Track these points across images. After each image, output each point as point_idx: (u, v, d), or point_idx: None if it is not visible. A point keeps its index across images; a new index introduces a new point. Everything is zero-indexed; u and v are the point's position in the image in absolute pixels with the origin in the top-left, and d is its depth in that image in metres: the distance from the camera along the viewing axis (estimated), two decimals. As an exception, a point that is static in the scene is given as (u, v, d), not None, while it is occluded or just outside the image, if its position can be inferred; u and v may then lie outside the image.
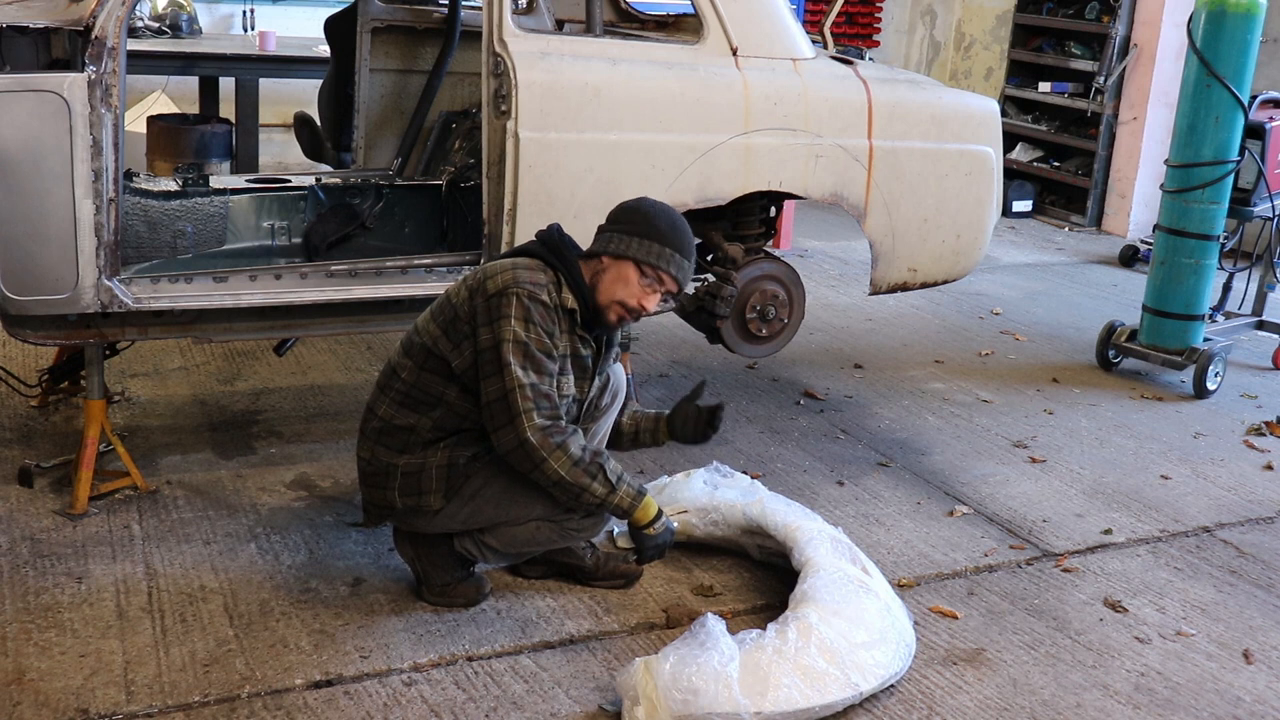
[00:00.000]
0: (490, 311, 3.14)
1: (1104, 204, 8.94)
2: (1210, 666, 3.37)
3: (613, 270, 3.25)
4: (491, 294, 3.15)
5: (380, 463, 3.30)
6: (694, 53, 4.10)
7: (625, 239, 3.24)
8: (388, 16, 5.05)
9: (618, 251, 3.24)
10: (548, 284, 3.20)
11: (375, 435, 3.32)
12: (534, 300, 3.14)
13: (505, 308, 3.12)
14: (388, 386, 3.32)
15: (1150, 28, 8.50)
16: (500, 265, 3.22)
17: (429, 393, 3.25)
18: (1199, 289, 5.54)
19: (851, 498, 4.24)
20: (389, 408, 3.29)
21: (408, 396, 3.27)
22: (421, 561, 3.39)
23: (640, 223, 3.26)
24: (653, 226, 3.25)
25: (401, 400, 3.28)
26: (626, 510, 3.22)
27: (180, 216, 4.53)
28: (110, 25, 3.42)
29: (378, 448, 3.31)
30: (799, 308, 4.43)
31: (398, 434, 3.28)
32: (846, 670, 2.99)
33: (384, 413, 3.30)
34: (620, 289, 3.25)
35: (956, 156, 4.48)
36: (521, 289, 3.14)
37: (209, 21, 8.03)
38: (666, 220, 3.29)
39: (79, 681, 2.95)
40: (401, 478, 3.27)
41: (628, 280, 3.25)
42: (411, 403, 3.27)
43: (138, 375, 4.82)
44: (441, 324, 3.24)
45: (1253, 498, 4.48)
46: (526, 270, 3.19)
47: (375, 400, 3.35)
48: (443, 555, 3.38)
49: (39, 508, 3.74)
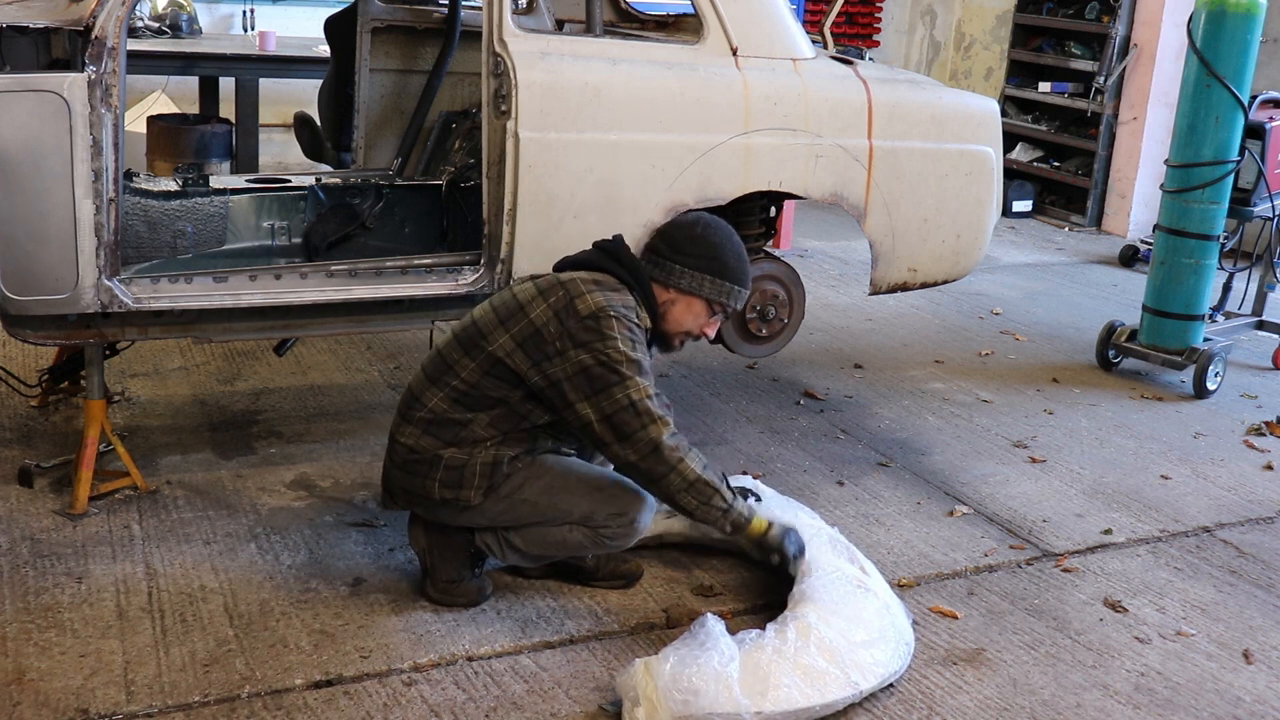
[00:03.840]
0: (589, 333, 3.14)
1: (1104, 204, 8.94)
2: (1210, 666, 3.37)
3: (682, 304, 3.35)
4: (585, 315, 3.16)
5: (425, 452, 3.27)
6: (694, 53, 4.10)
7: (698, 277, 3.31)
8: (388, 16, 5.05)
9: (690, 289, 3.32)
10: (636, 305, 3.27)
11: (423, 425, 3.27)
12: (631, 322, 3.22)
13: (607, 329, 3.15)
14: (440, 380, 3.28)
15: (1150, 28, 8.50)
16: (584, 284, 3.22)
17: (489, 395, 3.24)
18: (1199, 289, 5.54)
19: (851, 498, 4.24)
20: (441, 401, 3.26)
21: (465, 395, 3.24)
22: (432, 555, 3.38)
23: (710, 258, 3.31)
24: (724, 265, 3.32)
25: (457, 398, 3.25)
26: (746, 520, 3.25)
27: (180, 216, 4.52)
28: (110, 25, 3.42)
29: (425, 437, 3.27)
30: (799, 308, 4.43)
31: (449, 426, 3.25)
32: (846, 669, 2.99)
33: (435, 405, 3.26)
34: (689, 321, 3.37)
35: (956, 156, 4.48)
36: (617, 310, 3.19)
37: (209, 21, 8.03)
38: (734, 254, 3.35)
39: (79, 681, 2.95)
40: (444, 470, 3.25)
41: (697, 314, 3.37)
42: (469, 401, 3.24)
43: (138, 375, 4.82)
44: (519, 337, 3.20)
45: (1253, 498, 4.48)
46: (615, 292, 3.25)
47: (423, 389, 3.30)
48: (456, 551, 3.37)
49: (39, 508, 3.74)
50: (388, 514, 3.83)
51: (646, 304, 3.31)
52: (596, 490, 3.30)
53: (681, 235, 3.36)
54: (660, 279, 3.33)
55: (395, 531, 3.73)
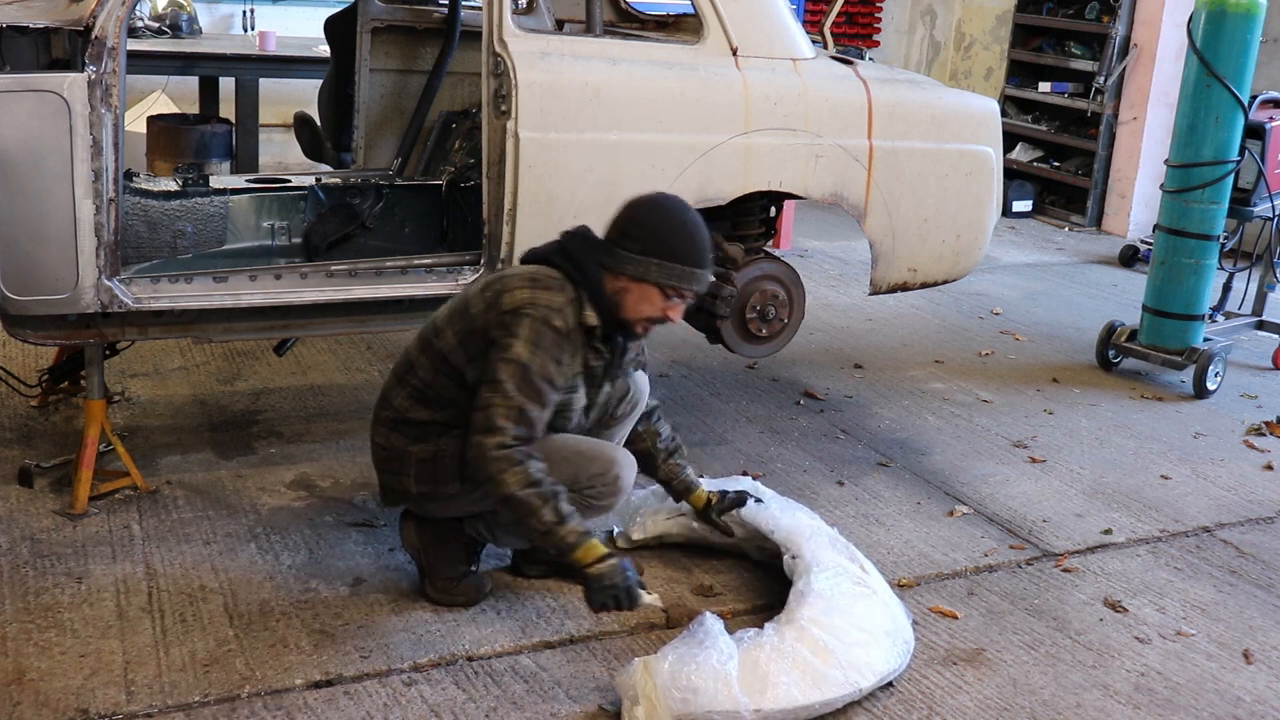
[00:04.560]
0: (503, 328, 3.11)
1: (1104, 204, 8.94)
2: (1210, 666, 3.37)
3: (636, 291, 3.21)
4: (506, 310, 3.12)
5: (395, 449, 3.31)
6: (694, 53, 4.10)
7: (644, 262, 3.17)
8: (388, 16, 5.05)
9: (638, 275, 3.18)
10: (565, 305, 3.15)
11: (390, 424, 3.33)
12: (548, 324, 3.10)
13: (517, 327, 3.09)
14: (404, 380, 3.32)
15: (1150, 28, 8.50)
16: (520, 279, 3.19)
17: (443, 394, 3.25)
18: (1199, 289, 5.54)
19: (851, 498, 4.24)
20: (404, 400, 3.31)
21: (423, 394, 3.28)
22: (427, 554, 3.38)
23: (657, 241, 3.17)
24: (670, 247, 3.17)
25: (417, 396, 3.29)
26: (572, 545, 3.04)
27: (180, 216, 4.52)
28: (110, 25, 3.42)
29: (392, 435, 3.32)
30: (799, 308, 4.43)
31: (412, 426, 3.29)
32: (845, 668, 2.99)
33: (399, 404, 3.31)
34: (646, 308, 3.23)
35: (956, 156, 4.48)
36: (537, 311, 3.10)
37: (209, 21, 8.03)
38: (683, 234, 3.21)
39: (79, 681, 2.95)
40: (417, 465, 3.28)
41: (652, 300, 3.22)
42: (426, 400, 3.28)
43: (138, 375, 4.82)
44: (459, 334, 3.22)
45: (1253, 498, 4.48)
46: (546, 291, 3.15)
47: (391, 389, 3.35)
48: (450, 547, 3.38)
49: (39, 508, 3.74)
50: (388, 514, 3.83)
51: (594, 299, 3.20)
52: (576, 454, 3.28)
53: (628, 219, 3.23)
54: (611, 266, 3.20)
55: (395, 531, 3.72)
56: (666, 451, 3.63)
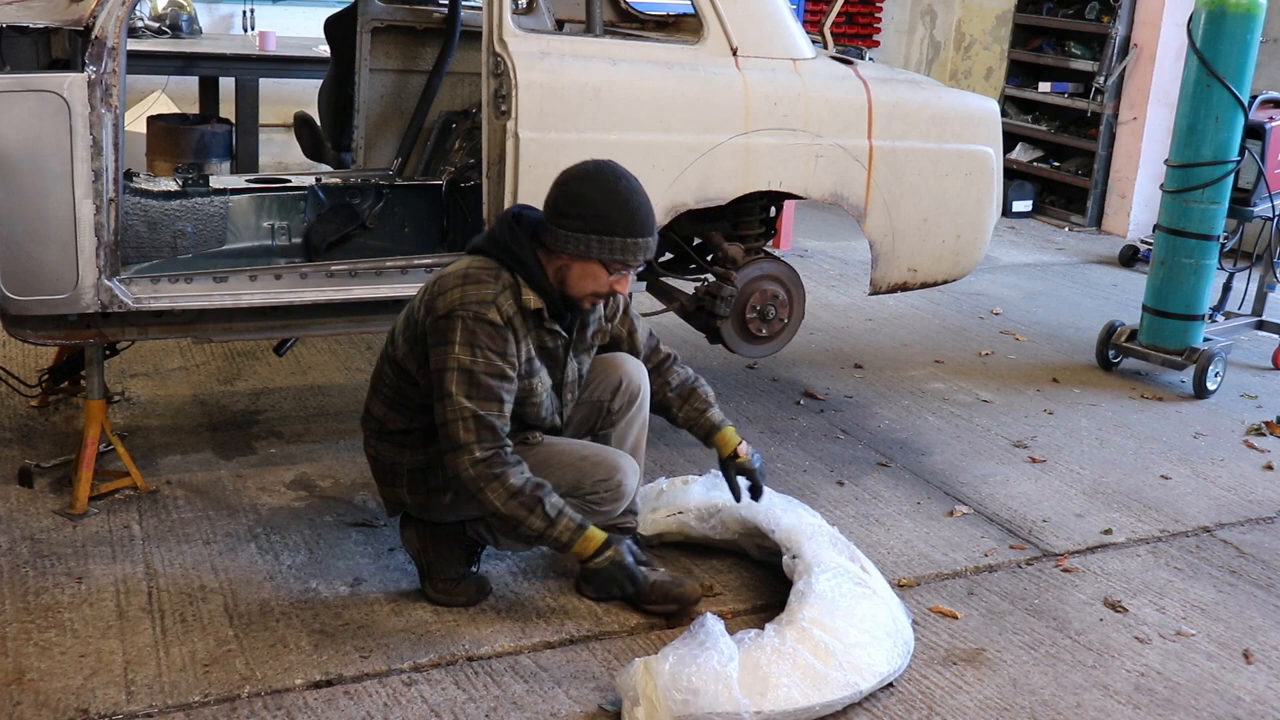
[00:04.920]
0: (438, 334, 3.08)
1: (1104, 204, 8.94)
2: (1210, 666, 3.37)
3: (578, 269, 3.13)
4: (440, 315, 3.08)
5: (386, 460, 3.33)
6: (694, 53, 4.10)
7: (582, 239, 3.07)
8: (388, 16, 5.05)
9: (578, 253, 3.10)
10: (497, 295, 3.08)
11: (376, 434, 3.36)
12: (480, 321, 3.05)
13: (450, 333, 3.05)
14: (377, 389, 3.35)
15: (1150, 28, 8.50)
16: (452, 279, 3.13)
17: (411, 400, 3.26)
18: (1199, 289, 5.54)
19: (851, 498, 4.24)
20: (381, 408, 3.33)
21: (394, 402, 3.29)
22: (428, 554, 3.38)
23: (594, 216, 3.07)
24: (609, 221, 3.07)
25: (390, 404, 3.30)
26: (566, 544, 3.09)
27: (180, 216, 4.52)
28: (110, 25, 3.42)
29: (380, 445, 3.34)
30: (799, 308, 4.43)
31: (395, 435, 3.31)
32: (846, 669, 2.99)
33: (378, 413, 3.34)
34: (590, 283, 3.15)
35: (956, 156, 4.48)
36: (467, 311, 3.05)
37: (209, 21, 8.03)
38: (619, 205, 3.09)
39: (79, 681, 2.95)
40: (409, 475, 3.30)
41: (595, 276, 3.14)
42: (399, 407, 3.29)
43: (138, 375, 4.82)
44: (408, 340, 3.22)
45: (1253, 498, 4.48)
46: (475, 285, 3.09)
47: (370, 400, 3.38)
48: (450, 548, 3.38)
49: (39, 508, 3.74)
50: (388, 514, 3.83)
51: (531, 282, 3.13)
52: (580, 460, 3.29)
53: (561, 195, 3.12)
54: (550, 245, 3.12)
55: (395, 531, 3.72)
56: (680, 396, 3.51)
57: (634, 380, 3.46)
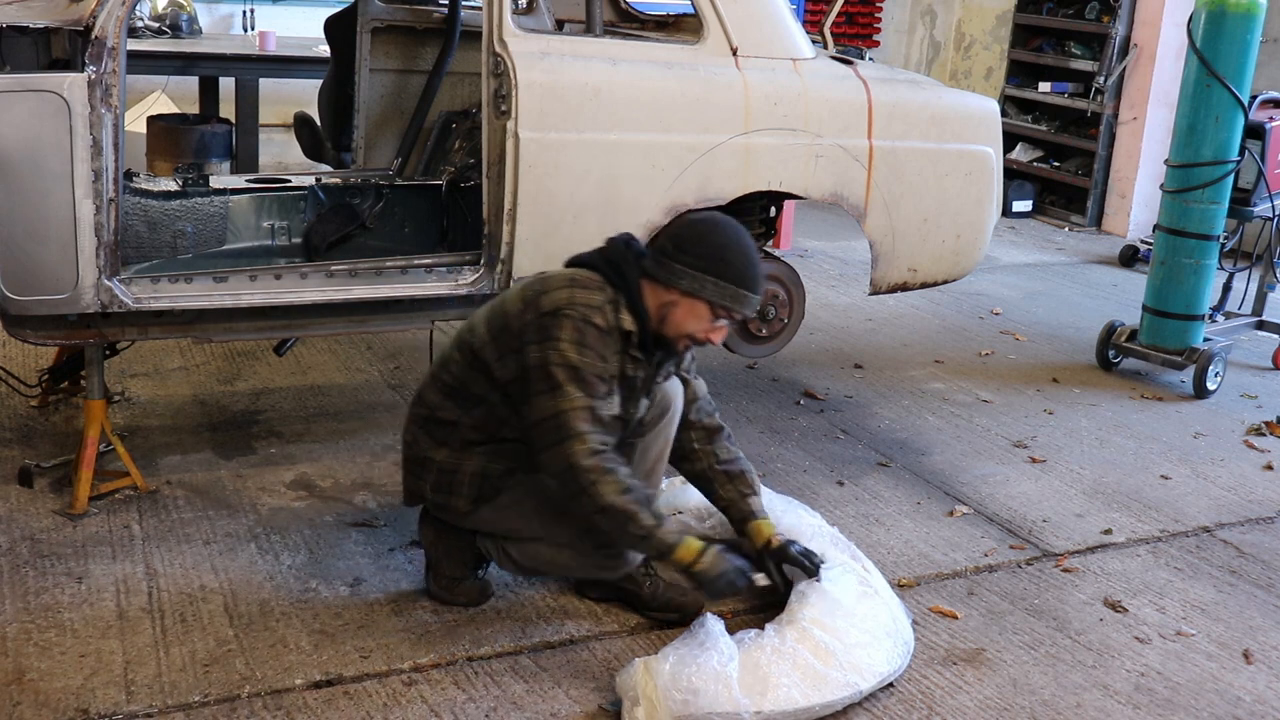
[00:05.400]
0: (542, 330, 3.08)
1: (1104, 204, 8.94)
2: (1210, 666, 3.37)
3: (684, 306, 3.16)
4: (545, 311, 3.09)
5: (420, 451, 3.30)
6: (694, 53, 4.10)
7: (699, 278, 3.13)
8: (388, 16, 5.05)
9: (691, 290, 3.13)
10: (604, 304, 3.12)
11: (420, 421, 3.32)
12: (588, 323, 3.07)
13: (558, 329, 3.06)
14: (438, 376, 3.31)
15: (1150, 28, 8.50)
16: (559, 280, 3.16)
17: (472, 391, 3.22)
18: (1199, 289, 5.54)
19: (851, 498, 4.24)
20: (435, 395, 3.29)
21: (453, 390, 3.26)
22: (439, 549, 3.37)
23: (715, 259, 3.13)
24: (729, 265, 3.14)
25: (447, 392, 3.27)
26: (671, 546, 3.05)
27: (180, 216, 4.53)
28: (110, 25, 3.42)
29: (420, 434, 3.31)
30: (799, 308, 4.43)
31: (440, 426, 3.27)
32: (846, 670, 2.99)
33: (430, 399, 3.30)
34: (691, 324, 3.18)
35: (956, 156, 4.48)
36: (576, 311, 3.07)
37: (209, 21, 8.03)
38: (741, 256, 3.17)
39: (79, 681, 2.95)
40: (436, 474, 3.28)
41: (700, 316, 3.18)
42: (456, 397, 3.25)
43: (138, 375, 4.82)
44: (492, 330, 3.20)
45: (1253, 498, 4.48)
46: (584, 290, 3.12)
47: (425, 386, 3.34)
48: (460, 549, 3.37)
49: (39, 508, 3.74)
50: (388, 514, 3.83)
51: (631, 305, 3.16)
52: None
53: (688, 234, 3.20)
54: (662, 278, 3.16)
55: (395, 531, 3.73)
56: (726, 475, 3.47)
57: (668, 394, 3.43)
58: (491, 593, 3.43)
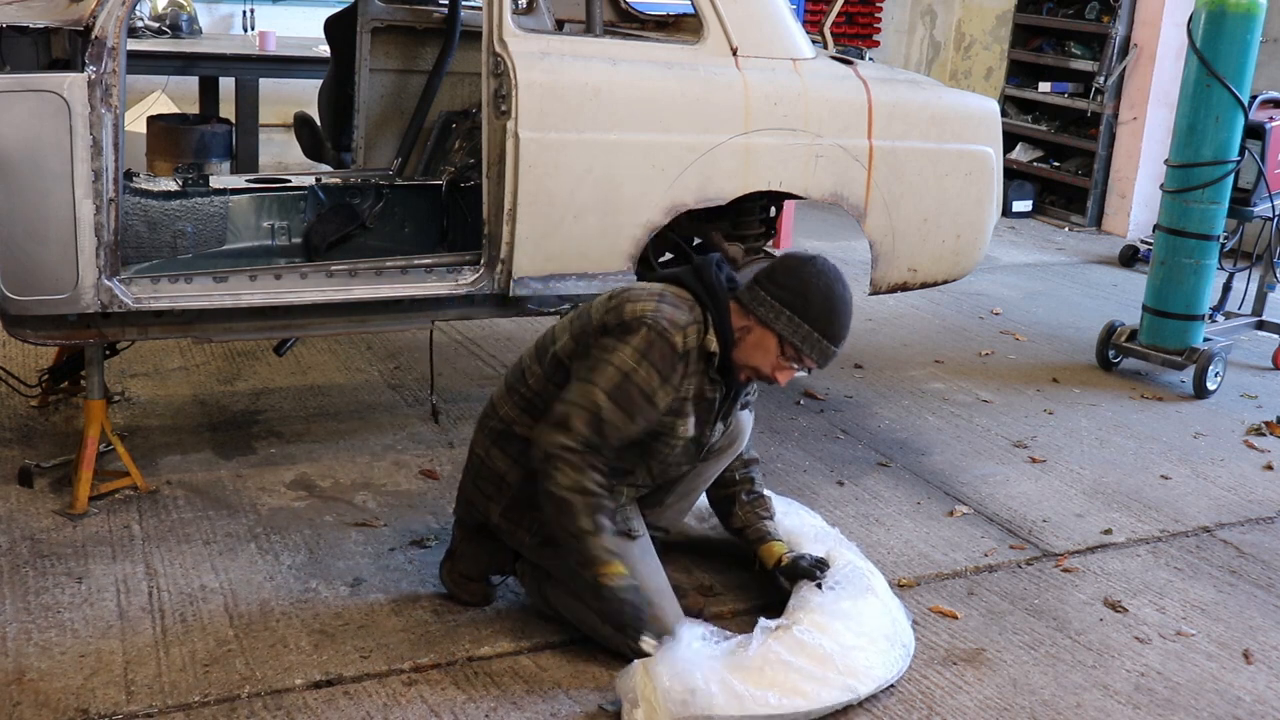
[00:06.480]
0: (615, 333, 3.04)
1: (1104, 204, 8.94)
2: (1210, 666, 3.37)
3: (756, 334, 3.09)
4: (627, 317, 3.05)
5: (494, 469, 3.23)
6: (694, 53, 4.10)
7: (779, 309, 3.05)
8: (388, 16, 5.06)
9: (765, 319, 3.06)
10: (689, 324, 3.06)
11: (494, 435, 3.25)
12: (663, 339, 3.01)
13: (629, 335, 3.01)
14: (514, 388, 3.25)
15: (1150, 28, 8.50)
16: (646, 293, 3.11)
17: (549, 404, 3.12)
18: (1199, 289, 5.54)
19: (851, 498, 4.24)
20: (511, 409, 3.23)
21: (531, 404, 3.20)
22: (466, 544, 3.35)
23: (798, 295, 3.05)
24: (809, 306, 3.04)
25: (525, 406, 3.21)
26: (595, 559, 2.99)
27: (180, 216, 4.53)
28: (110, 25, 3.42)
29: (493, 449, 3.25)
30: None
31: (515, 441, 3.20)
32: (844, 673, 2.98)
33: (506, 413, 3.24)
34: (758, 356, 3.11)
35: (956, 156, 4.48)
36: (656, 324, 3.01)
37: (209, 21, 8.03)
38: (827, 301, 3.06)
39: (79, 681, 2.95)
40: (509, 502, 3.21)
41: (768, 350, 3.10)
42: (534, 410, 3.18)
43: (138, 375, 4.82)
44: (575, 334, 3.15)
45: (1253, 498, 4.48)
46: (671, 306, 3.07)
47: (500, 398, 3.28)
48: (489, 554, 3.34)
49: (39, 508, 3.74)
50: (387, 514, 3.83)
51: (718, 325, 3.10)
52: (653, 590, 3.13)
53: (783, 265, 3.11)
54: (745, 302, 3.09)
55: (395, 531, 3.73)
56: (749, 503, 3.49)
57: (741, 426, 3.42)
58: (494, 599, 3.42)
